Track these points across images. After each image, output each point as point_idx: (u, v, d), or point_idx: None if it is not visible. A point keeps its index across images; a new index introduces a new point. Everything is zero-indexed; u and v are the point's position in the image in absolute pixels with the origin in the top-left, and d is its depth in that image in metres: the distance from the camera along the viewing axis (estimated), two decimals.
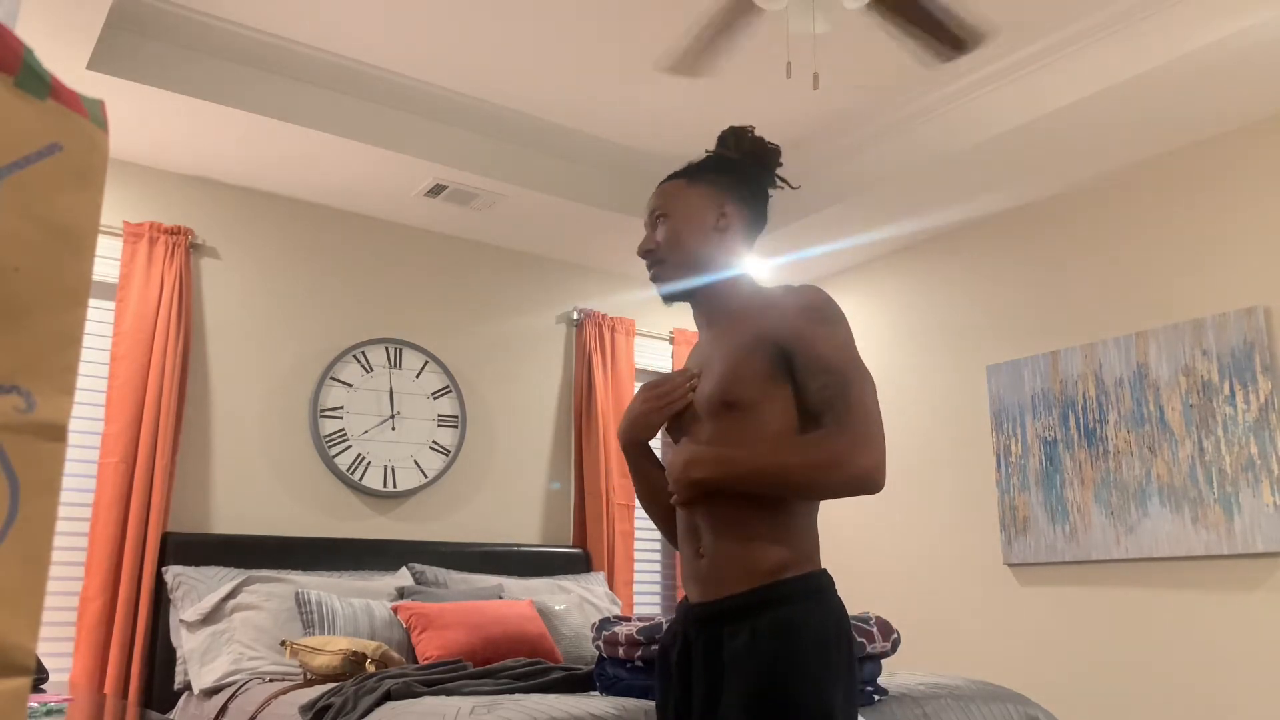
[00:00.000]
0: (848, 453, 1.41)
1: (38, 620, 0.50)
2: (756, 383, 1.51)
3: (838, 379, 1.47)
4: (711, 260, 1.66)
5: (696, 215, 1.66)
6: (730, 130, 1.73)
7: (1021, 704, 2.57)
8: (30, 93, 0.53)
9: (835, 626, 1.47)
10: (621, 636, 2.39)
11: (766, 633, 1.44)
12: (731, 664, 1.46)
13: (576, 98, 3.96)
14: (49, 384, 0.52)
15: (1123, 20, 3.33)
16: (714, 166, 1.71)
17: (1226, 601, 3.47)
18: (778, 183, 1.75)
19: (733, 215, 1.67)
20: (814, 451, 1.44)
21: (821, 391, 1.47)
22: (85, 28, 2.96)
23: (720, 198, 1.67)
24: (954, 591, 4.35)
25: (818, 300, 1.54)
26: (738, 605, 1.49)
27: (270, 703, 2.76)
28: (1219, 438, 3.51)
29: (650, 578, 4.94)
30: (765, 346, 1.52)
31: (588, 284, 5.01)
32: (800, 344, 1.50)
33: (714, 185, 1.68)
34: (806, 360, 1.49)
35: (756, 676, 1.42)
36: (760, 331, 1.53)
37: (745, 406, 1.51)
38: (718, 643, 1.51)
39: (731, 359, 1.54)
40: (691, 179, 1.70)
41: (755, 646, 1.44)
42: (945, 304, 4.61)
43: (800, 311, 1.52)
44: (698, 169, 1.71)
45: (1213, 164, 3.71)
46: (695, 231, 1.66)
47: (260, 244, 4.10)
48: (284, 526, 3.93)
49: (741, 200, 1.68)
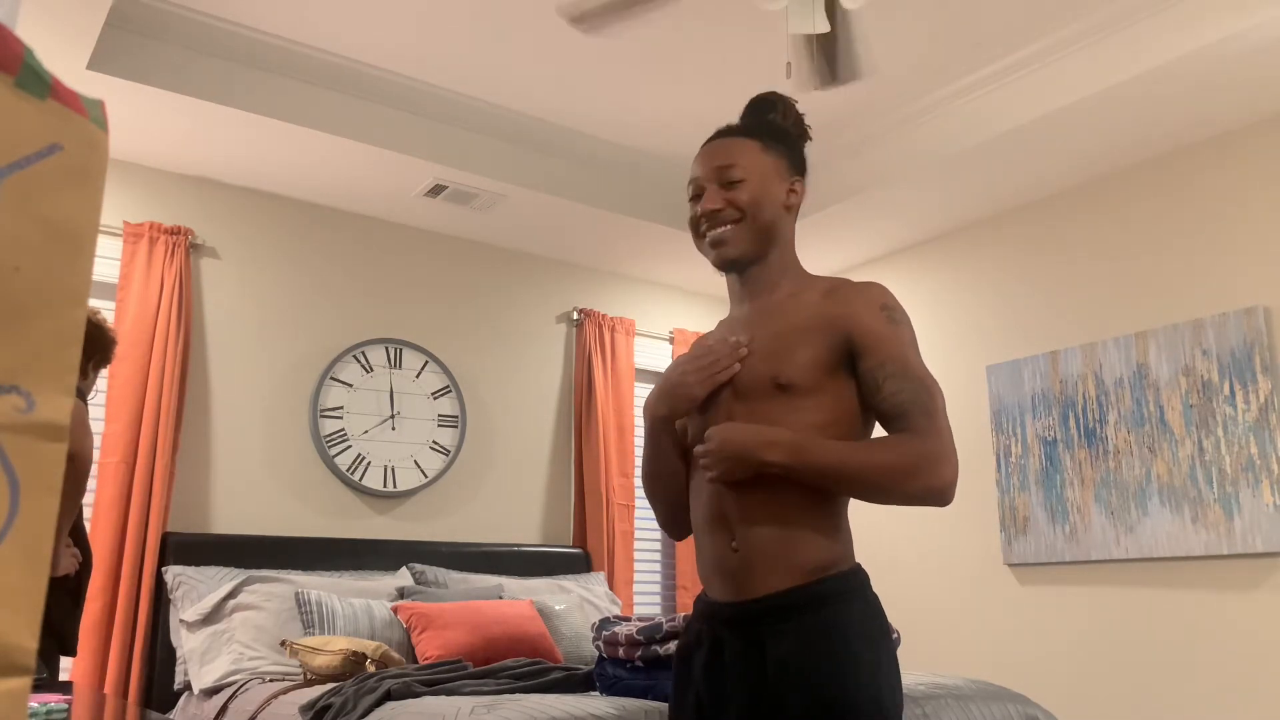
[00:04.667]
0: (931, 462, 1.36)
1: (38, 620, 0.50)
2: (814, 369, 1.44)
3: (918, 385, 1.41)
4: (780, 234, 1.58)
5: (774, 185, 1.57)
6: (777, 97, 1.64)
7: (1021, 704, 2.57)
8: (30, 93, 0.53)
9: (879, 624, 1.43)
10: (621, 636, 2.39)
11: (816, 637, 1.37)
12: (779, 673, 1.37)
13: (577, 98, 3.96)
14: (49, 384, 0.52)
15: (1122, 20, 3.33)
16: (777, 134, 1.61)
17: (1226, 601, 3.47)
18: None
19: (800, 193, 1.60)
20: (898, 455, 1.38)
21: (897, 395, 1.41)
22: (85, 28, 2.96)
23: (790, 172, 1.59)
24: (954, 591, 4.35)
25: (892, 300, 1.49)
26: (780, 605, 1.40)
27: (270, 703, 2.76)
28: (1219, 438, 3.51)
29: (650, 578, 4.94)
30: (830, 335, 1.45)
31: (588, 284, 5.01)
32: (876, 342, 1.43)
33: (784, 158, 1.59)
34: (882, 360, 1.42)
35: (813, 688, 1.34)
36: (826, 318, 1.46)
37: (799, 391, 1.43)
38: (758, 647, 1.40)
39: (787, 339, 1.46)
40: (765, 145, 1.58)
41: (806, 653, 1.36)
42: (945, 304, 4.61)
43: (879, 308, 1.46)
44: (768, 134, 1.60)
45: (1213, 164, 3.71)
46: (773, 201, 1.56)
47: (260, 244, 4.10)
48: (284, 526, 3.93)
49: (802, 178, 1.61)
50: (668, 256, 4.89)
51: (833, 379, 1.45)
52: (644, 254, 4.85)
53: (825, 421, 1.43)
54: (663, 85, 3.85)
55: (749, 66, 3.70)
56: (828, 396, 1.44)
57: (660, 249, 4.78)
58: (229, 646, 3.21)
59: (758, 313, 1.55)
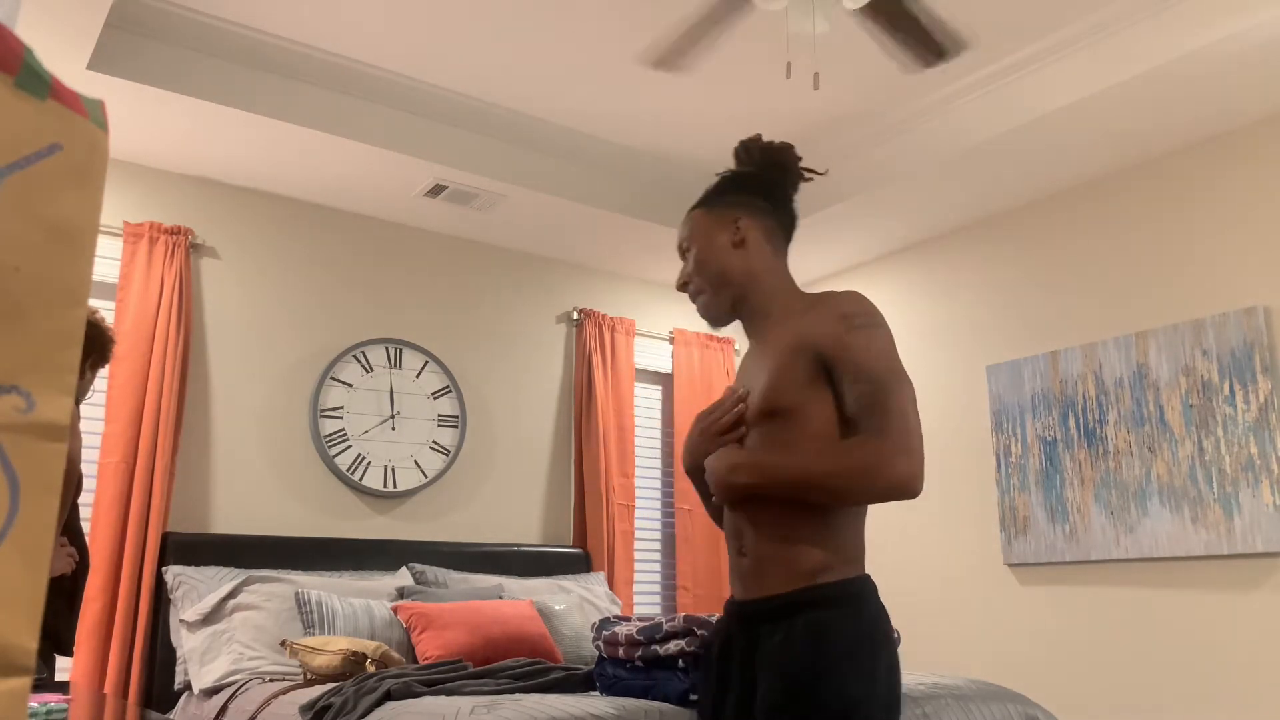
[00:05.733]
0: (886, 460, 1.44)
1: (38, 620, 0.50)
2: (796, 389, 1.53)
3: (875, 386, 1.48)
4: (739, 276, 1.69)
5: (717, 237, 1.70)
6: (740, 145, 1.77)
7: (1021, 704, 2.57)
8: (30, 93, 0.53)
9: (870, 632, 1.48)
10: (621, 636, 2.39)
11: (799, 635, 1.47)
12: (764, 663, 1.50)
13: (576, 98, 3.96)
14: (49, 384, 0.52)
15: (1122, 20, 3.33)
16: (726, 186, 1.75)
17: (1226, 601, 3.47)
18: (806, 176, 1.77)
19: (748, 227, 1.70)
20: (850, 458, 1.46)
21: (860, 399, 1.49)
22: (85, 28, 2.96)
23: (733, 214, 1.70)
24: (954, 591, 4.35)
25: (856, 306, 1.56)
26: (776, 606, 1.52)
27: (270, 703, 2.76)
28: (1219, 438, 3.51)
29: (650, 578, 4.94)
30: (804, 353, 1.54)
31: (588, 284, 5.01)
32: (838, 351, 1.51)
33: (726, 204, 1.72)
34: (845, 367, 1.51)
35: (783, 678, 1.45)
36: (800, 338, 1.55)
37: (786, 413, 1.54)
38: (755, 642, 1.54)
39: (772, 367, 1.57)
40: (706, 204, 1.75)
41: (786, 647, 1.47)
42: (945, 304, 4.61)
43: (839, 318, 1.54)
44: (710, 192, 1.76)
45: (1213, 164, 3.71)
46: (716, 253, 1.70)
47: (260, 244, 4.10)
48: (284, 526, 3.93)
49: (756, 210, 1.71)
50: (668, 256, 4.89)
51: (815, 394, 1.54)
52: (644, 254, 4.85)
53: (812, 434, 1.53)
54: (663, 85, 3.85)
55: (749, 66, 3.70)
56: (816, 410, 1.53)
57: (660, 249, 4.78)
58: (229, 646, 3.21)
59: (761, 347, 1.66)
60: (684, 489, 4.96)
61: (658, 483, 5.09)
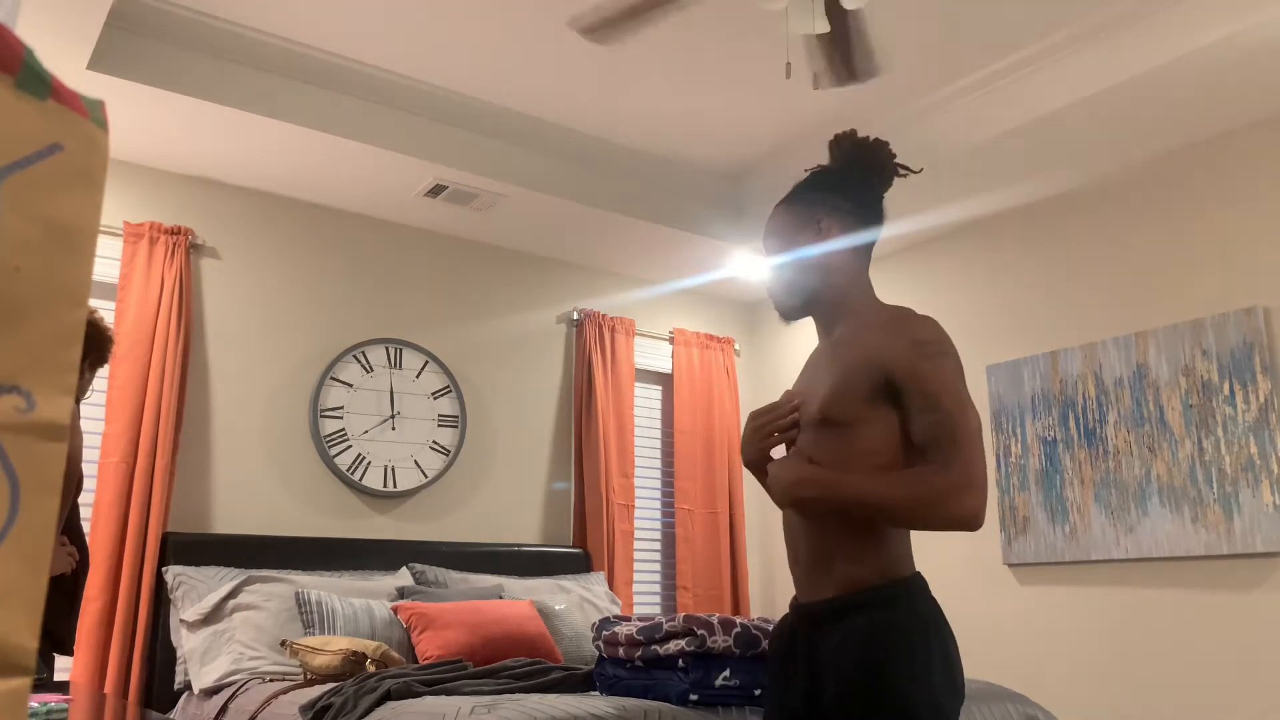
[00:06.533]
0: (952, 494, 1.46)
1: (38, 620, 0.50)
2: (857, 404, 1.56)
3: (944, 417, 1.50)
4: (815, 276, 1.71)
5: (794, 235, 1.73)
6: (834, 139, 1.79)
7: (1021, 704, 2.57)
8: (31, 93, 0.53)
9: (922, 630, 1.51)
10: (621, 636, 2.39)
11: (853, 637, 1.51)
12: (824, 666, 1.55)
13: (577, 98, 3.96)
14: (49, 384, 0.52)
15: (1122, 21, 3.33)
16: (808, 184, 1.77)
17: (1226, 601, 3.47)
18: (900, 173, 1.78)
19: (829, 227, 1.71)
20: (916, 488, 1.49)
21: (929, 428, 1.51)
22: (85, 28, 2.96)
23: (814, 212, 1.72)
24: (954, 591, 4.35)
25: (931, 333, 1.57)
26: (829, 609, 1.56)
27: (270, 702, 2.76)
28: (1219, 438, 3.51)
29: (650, 578, 4.94)
30: (872, 371, 1.56)
31: (588, 284, 5.01)
32: (909, 377, 1.53)
33: (807, 202, 1.74)
34: (914, 395, 1.53)
35: (842, 682, 1.50)
36: (870, 355, 1.57)
37: (843, 425, 1.57)
38: (816, 643, 1.59)
39: (838, 377, 1.59)
40: (790, 201, 1.77)
41: (842, 650, 1.52)
42: (945, 304, 4.61)
43: (912, 344, 1.55)
44: (797, 189, 1.78)
45: (1213, 164, 3.71)
46: (795, 251, 1.72)
47: (260, 244, 4.10)
48: (284, 526, 3.93)
49: (837, 209, 1.72)
50: (668, 256, 4.89)
51: (874, 411, 1.56)
52: (644, 254, 4.85)
53: (869, 450, 1.56)
54: (663, 85, 3.85)
55: (749, 66, 3.70)
56: (871, 427, 1.56)
57: (660, 249, 4.78)
58: (229, 646, 3.21)
59: (830, 348, 1.69)
60: (684, 489, 4.96)
61: (658, 483, 5.09)
